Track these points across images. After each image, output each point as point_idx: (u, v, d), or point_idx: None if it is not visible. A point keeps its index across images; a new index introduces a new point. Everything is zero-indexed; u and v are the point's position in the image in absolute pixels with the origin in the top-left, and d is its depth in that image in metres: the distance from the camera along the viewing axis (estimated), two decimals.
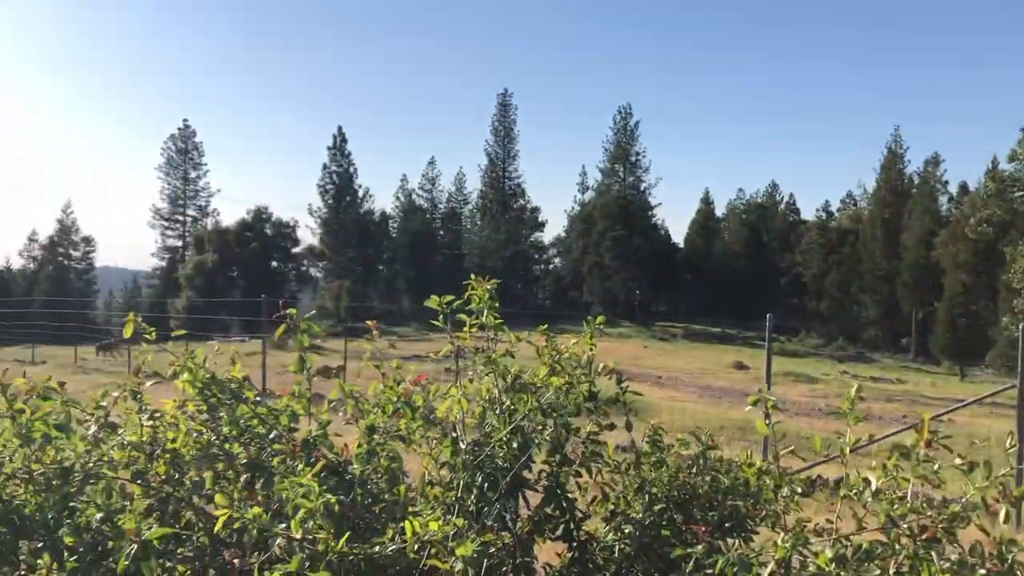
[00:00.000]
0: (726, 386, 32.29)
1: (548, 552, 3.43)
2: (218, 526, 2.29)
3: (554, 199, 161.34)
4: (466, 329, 3.48)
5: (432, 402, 3.35)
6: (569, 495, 3.23)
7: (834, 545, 2.37)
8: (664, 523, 3.27)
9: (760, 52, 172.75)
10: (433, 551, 2.47)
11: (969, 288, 63.69)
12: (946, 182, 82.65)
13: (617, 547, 3.28)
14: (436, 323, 3.34)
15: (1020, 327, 10.29)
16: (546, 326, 3.63)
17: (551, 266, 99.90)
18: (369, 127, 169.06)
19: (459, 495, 2.76)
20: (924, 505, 2.42)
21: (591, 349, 3.49)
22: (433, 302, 3.31)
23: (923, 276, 71.89)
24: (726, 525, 3.26)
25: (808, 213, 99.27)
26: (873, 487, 2.50)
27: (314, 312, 3.34)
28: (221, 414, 3.12)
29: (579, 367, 3.29)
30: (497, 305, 3.54)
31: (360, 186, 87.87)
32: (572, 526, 3.20)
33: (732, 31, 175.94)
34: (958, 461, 2.41)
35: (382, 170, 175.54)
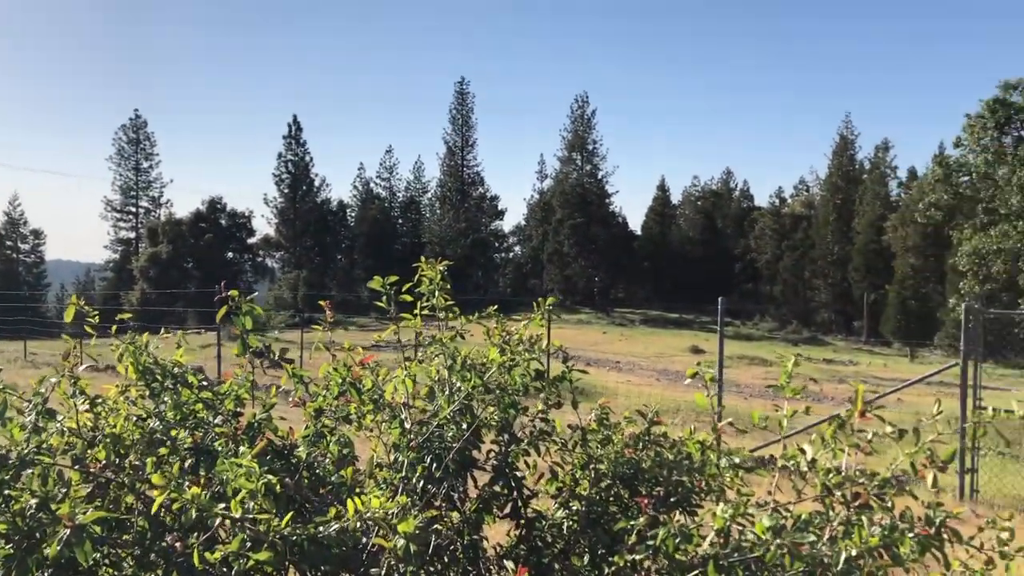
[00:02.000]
0: (682, 370, 32.62)
1: (501, 534, 3.45)
2: (155, 506, 2.27)
3: (513, 187, 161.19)
4: (416, 311, 3.50)
5: (382, 385, 3.36)
6: (517, 474, 3.26)
7: (772, 515, 2.42)
8: (611, 499, 3.32)
9: (714, 42, 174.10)
10: (380, 531, 2.47)
11: (918, 271, 65.14)
12: (896, 167, 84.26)
13: (565, 524, 3.32)
14: (380, 304, 3.34)
15: (962, 308, 10.56)
16: (496, 307, 3.66)
17: (511, 254, 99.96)
18: (325, 116, 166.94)
19: (404, 475, 2.77)
20: (857, 473, 2.48)
21: (540, 328, 3.52)
22: (376, 283, 3.30)
23: (874, 260, 73.28)
24: (671, 500, 3.31)
25: (762, 199, 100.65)
26: (809, 457, 2.56)
27: (257, 296, 3.30)
28: (165, 399, 3.09)
29: (522, 346, 3.30)
30: (449, 287, 3.54)
31: (316, 175, 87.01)
32: (520, 504, 3.23)
33: (686, 21, 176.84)
34: (888, 429, 2.48)
35: (339, 159, 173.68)
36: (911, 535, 2.32)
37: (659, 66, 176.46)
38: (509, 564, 2.60)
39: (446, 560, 3.04)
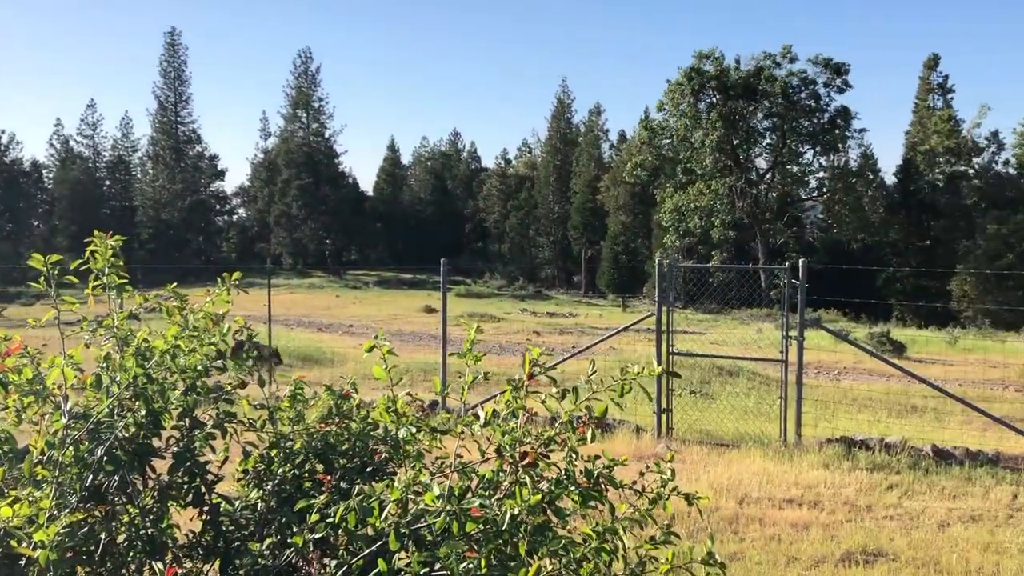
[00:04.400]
0: (416, 330, 33.20)
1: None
2: None
3: (235, 146, 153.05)
4: (88, 291, 3.23)
5: (45, 374, 3.06)
6: (200, 459, 3.11)
7: (462, 477, 2.50)
8: (305, 475, 3.27)
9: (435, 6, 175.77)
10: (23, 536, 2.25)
11: (628, 228, 70.80)
12: (607, 131, 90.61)
13: (259, 505, 3.23)
14: (36, 286, 3.03)
15: (657, 262, 11.59)
16: (175, 284, 3.45)
17: (235, 217, 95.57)
18: (12, 65, 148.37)
19: (56, 474, 2.53)
20: (527, 433, 2.62)
21: (226, 305, 3.38)
22: (36, 262, 2.98)
23: (590, 218, 78.54)
24: (367, 469, 3.33)
25: (488, 161, 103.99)
26: (482, 420, 2.67)
27: None
28: None
29: (198, 327, 3.14)
30: (122, 263, 3.30)
31: (3, 132, 77.59)
32: (204, 490, 3.09)
33: None
34: (553, 390, 2.64)
35: (31, 115, 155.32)
36: (572, 488, 2.49)
37: (384, 24, 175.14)
38: (157, 566, 2.47)
39: (120, 556, 2.84)
